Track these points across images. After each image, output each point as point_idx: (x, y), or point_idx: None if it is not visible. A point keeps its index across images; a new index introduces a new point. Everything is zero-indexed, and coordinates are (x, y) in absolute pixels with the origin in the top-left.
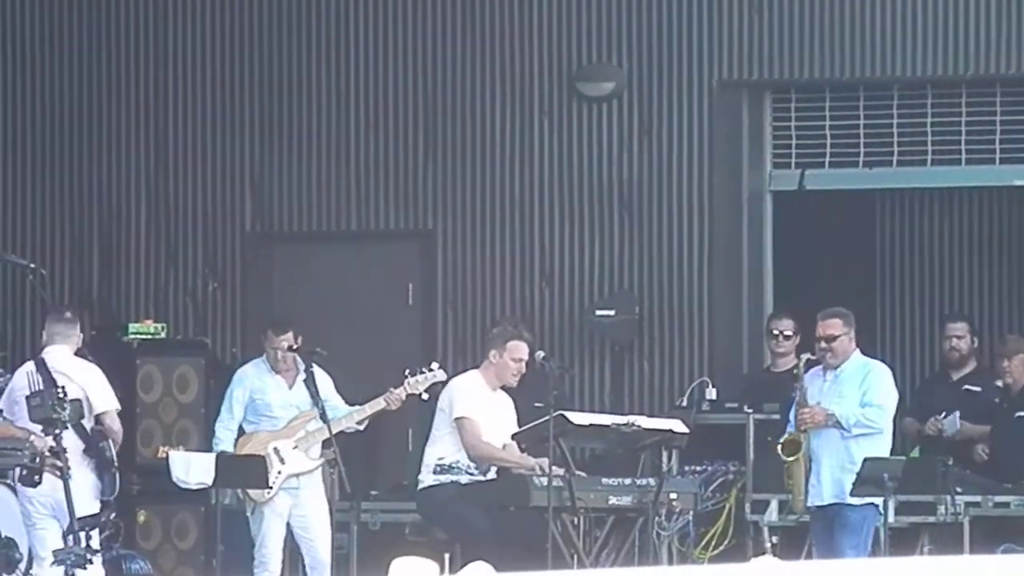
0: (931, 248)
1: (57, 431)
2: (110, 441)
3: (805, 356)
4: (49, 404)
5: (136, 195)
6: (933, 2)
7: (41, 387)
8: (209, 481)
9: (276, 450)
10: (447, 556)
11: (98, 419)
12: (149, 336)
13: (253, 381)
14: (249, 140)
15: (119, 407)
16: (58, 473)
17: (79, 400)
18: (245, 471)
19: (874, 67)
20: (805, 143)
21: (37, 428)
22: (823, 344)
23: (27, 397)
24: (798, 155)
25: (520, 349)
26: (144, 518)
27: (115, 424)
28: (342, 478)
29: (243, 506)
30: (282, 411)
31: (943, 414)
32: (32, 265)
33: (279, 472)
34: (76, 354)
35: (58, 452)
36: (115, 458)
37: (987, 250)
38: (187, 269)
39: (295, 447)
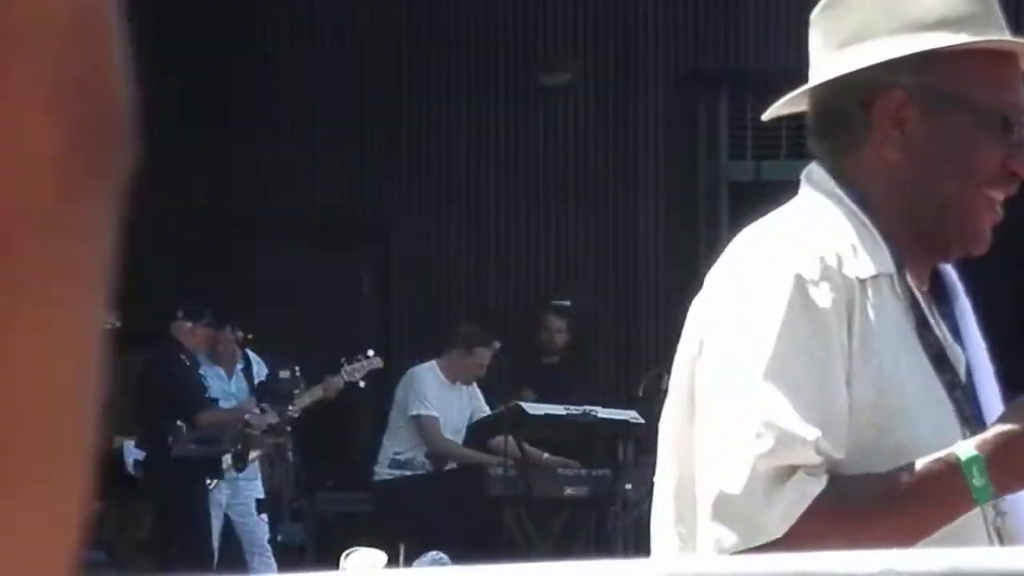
0: None
1: None
2: None
3: None
4: None
5: None
6: None
7: None
8: None
9: None
10: (402, 547)
11: None
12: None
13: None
14: (205, 129)
15: None
16: None
17: None
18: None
19: None
20: (760, 134)
21: None
22: None
23: None
24: (754, 146)
25: (483, 357)
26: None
27: None
28: (292, 466)
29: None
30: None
31: None
32: None
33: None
34: None
35: None
36: None
37: None
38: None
39: None
